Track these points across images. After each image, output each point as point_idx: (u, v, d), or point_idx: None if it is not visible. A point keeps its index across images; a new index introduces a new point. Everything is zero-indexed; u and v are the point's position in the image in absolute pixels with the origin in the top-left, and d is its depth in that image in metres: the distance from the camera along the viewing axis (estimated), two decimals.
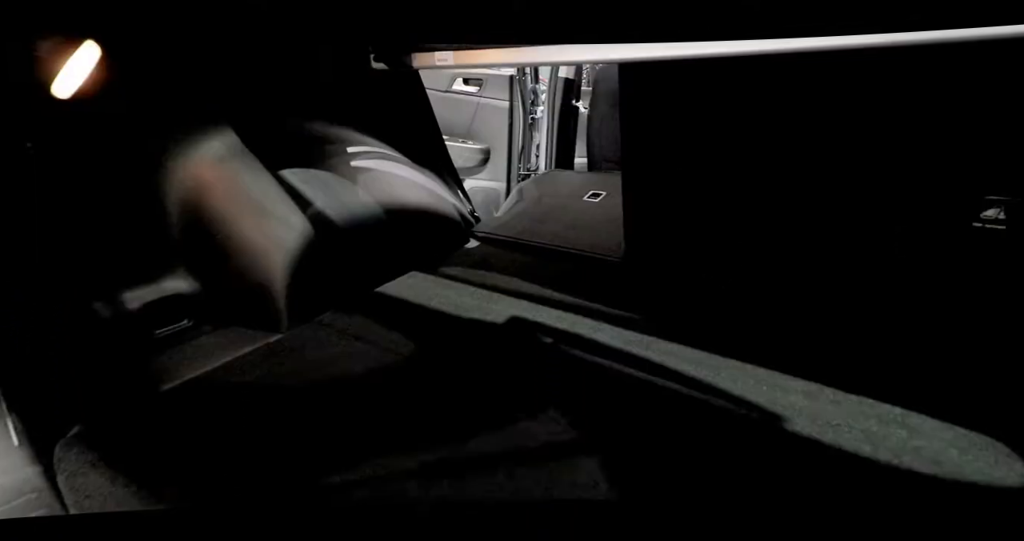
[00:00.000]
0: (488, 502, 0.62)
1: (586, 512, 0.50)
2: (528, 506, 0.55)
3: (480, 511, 0.48)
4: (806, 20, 0.65)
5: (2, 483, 0.63)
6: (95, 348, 0.89)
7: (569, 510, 0.51)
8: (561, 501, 0.62)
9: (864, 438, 0.74)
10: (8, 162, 0.71)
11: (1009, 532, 0.60)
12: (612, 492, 0.65)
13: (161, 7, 0.89)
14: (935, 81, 0.82)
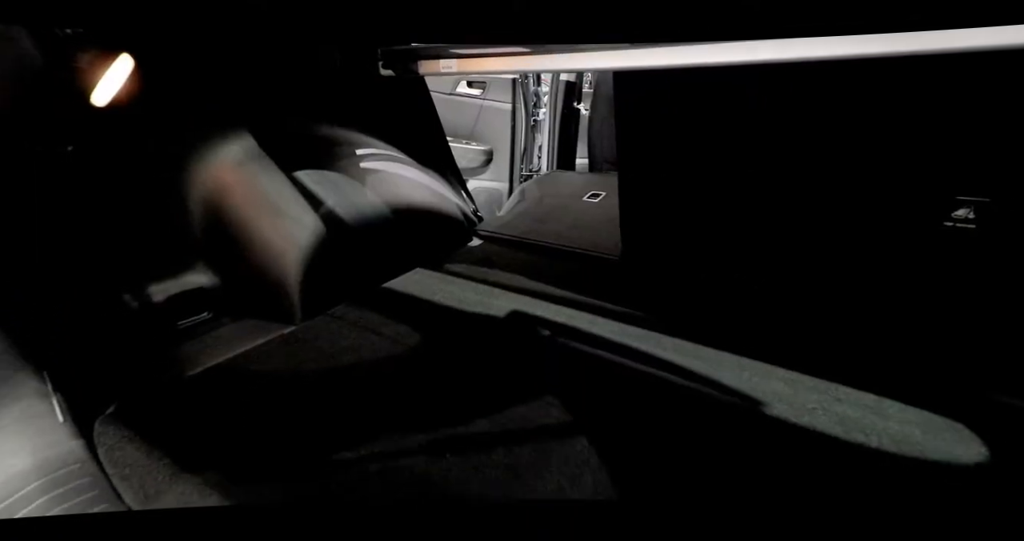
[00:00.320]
0: (488, 502, 0.65)
1: (586, 512, 0.50)
2: (528, 506, 0.57)
3: (480, 511, 0.49)
4: (803, 21, 0.70)
5: (50, 454, 0.70)
6: (127, 336, 0.96)
7: (569, 510, 0.52)
8: (561, 501, 0.64)
9: (837, 421, 0.79)
10: (51, 164, 0.78)
11: (965, 504, 0.65)
12: (602, 470, 0.71)
13: (188, 24, 0.96)
14: (912, 93, 0.87)
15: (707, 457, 0.74)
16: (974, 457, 0.71)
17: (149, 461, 0.72)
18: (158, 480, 0.68)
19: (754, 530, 0.61)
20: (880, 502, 0.65)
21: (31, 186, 0.74)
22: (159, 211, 1.05)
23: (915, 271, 0.98)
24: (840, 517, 0.63)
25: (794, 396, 0.85)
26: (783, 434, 0.78)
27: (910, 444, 0.74)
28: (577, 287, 1.34)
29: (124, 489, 0.67)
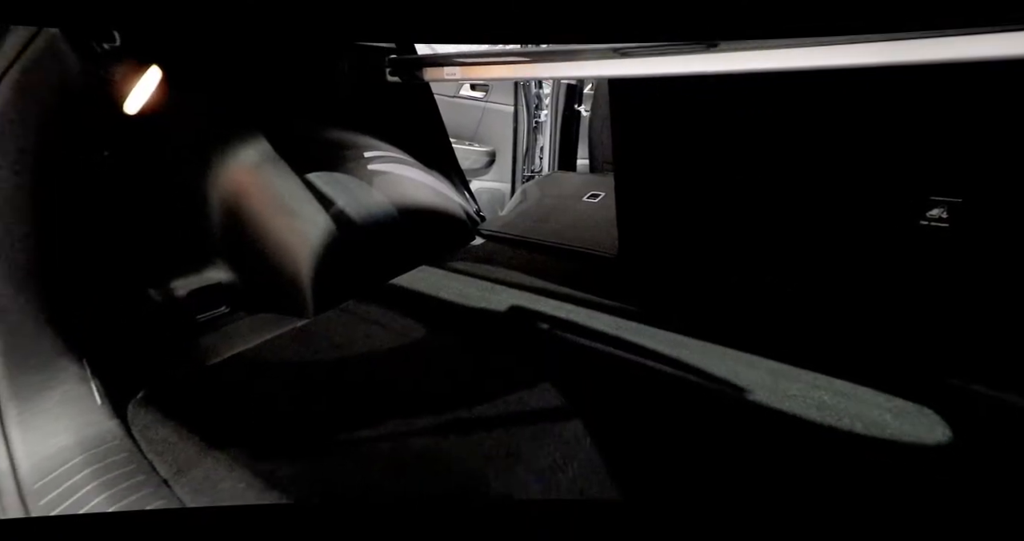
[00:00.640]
0: (488, 502, 0.65)
1: (585, 512, 0.50)
2: (528, 506, 0.56)
3: (480, 511, 0.48)
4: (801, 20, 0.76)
5: (90, 432, 0.77)
6: (153, 328, 1.03)
7: (569, 510, 0.51)
8: (561, 501, 0.65)
9: (815, 406, 0.85)
10: (89, 168, 0.85)
11: (929, 482, 0.71)
12: (593, 449, 0.77)
13: (210, 38, 1.03)
14: (892, 103, 0.92)
15: (693, 440, 0.79)
16: (939, 438, 0.77)
17: (179, 439, 0.79)
18: (188, 455, 0.75)
19: (736, 508, 0.67)
20: (853, 481, 0.71)
21: (74, 188, 0.81)
22: (181, 211, 1.12)
23: (892, 267, 1.04)
24: (816, 496, 0.69)
25: (775, 384, 0.90)
26: (764, 419, 0.84)
27: (881, 427, 0.79)
28: (575, 284, 1.40)
29: (158, 463, 0.74)
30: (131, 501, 0.66)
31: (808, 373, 0.93)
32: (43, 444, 0.73)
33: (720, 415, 0.85)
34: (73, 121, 0.79)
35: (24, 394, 0.75)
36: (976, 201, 0.90)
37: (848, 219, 1.04)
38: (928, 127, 0.92)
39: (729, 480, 0.71)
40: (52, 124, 0.76)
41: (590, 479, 0.71)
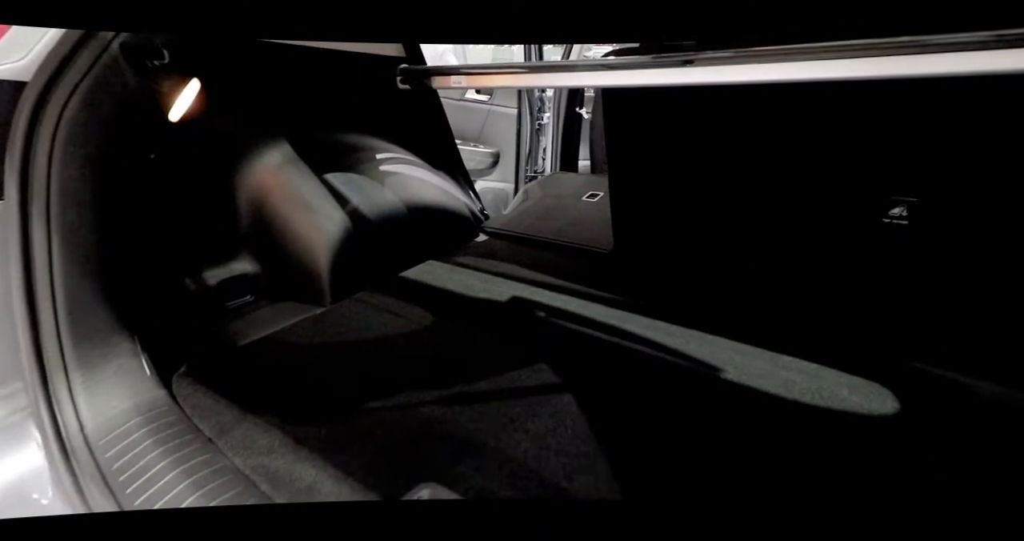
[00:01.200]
0: (487, 502, 0.68)
1: (586, 512, 0.50)
2: (528, 506, 0.57)
3: (480, 510, 0.48)
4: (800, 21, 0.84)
5: (143, 399, 0.88)
6: (189, 313, 1.15)
7: (569, 510, 0.52)
8: (561, 501, 0.68)
9: (780, 384, 0.95)
10: (138, 169, 0.97)
11: (882, 447, 0.80)
12: (581, 418, 0.87)
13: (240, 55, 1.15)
14: (858, 115, 1.01)
15: (670, 412, 0.89)
16: (888, 410, 0.86)
17: (218, 406, 0.90)
18: (227, 419, 0.86)
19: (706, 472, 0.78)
20: (813, 449, 0.81)
21: (127, 186, 0.92)
22: (213, 208, 1.24)
23: (857, 260, 1.13)
24: (780, 463, 0.78)
25: (746, 364, 1.00)
26: (736, 395, 0.93)
27: (838, 401, 0.89)
28: (571, 277, 1.50)
29: (202, 425, 0.85)
30: (182, 455, 0.78)
31: (774, 354, 1.03)
32: (104, 407, 0.85)
33: (696, 391, 0.95)
34: (128, 127, 0.91)
35: (87, 364, 0.86)
36: (930, 201, 1.00)
37: (820, 216, 1.14)
38: (890, 136, 1.01)
39: (701, 448, 0.81)
40: (112, 130, 0.87)
41: (577, 442, 0.82)
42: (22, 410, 0.85)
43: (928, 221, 1.01)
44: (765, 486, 0.73)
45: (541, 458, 0.78)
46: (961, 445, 0.79)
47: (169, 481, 0.72)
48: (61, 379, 0.83)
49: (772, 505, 0.69)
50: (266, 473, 0.74)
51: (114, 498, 0.70)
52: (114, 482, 0.73)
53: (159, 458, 0.77)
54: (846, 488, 0.72)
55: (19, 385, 0.85)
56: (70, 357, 0.84)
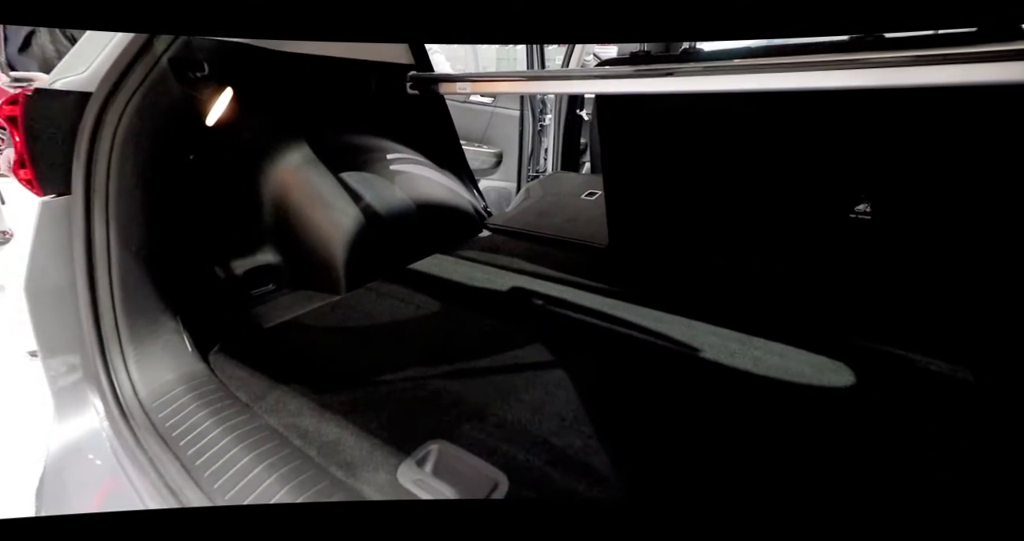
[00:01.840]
0: (488, 502, 0.69)
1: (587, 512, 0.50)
2: (529, 506, 0.57)
3: (480, 510, 0.49)
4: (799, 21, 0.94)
5: (186, 371, 1.01)
6: (220, 299, 1.27)
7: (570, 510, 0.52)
8: (562, 501, 0.70)
9: (751, 362, 1.06)
10: (179, 168, 1.09)
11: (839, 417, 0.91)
12: (572, 391, 0.98)
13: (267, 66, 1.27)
14: (832, 122, 1.11)
15: (652, 386, 1.01)
16: (845, 383, 0.97)
17: (251, 378, 1.02)
18: (260, 388, 0.98)
19: (678, 435, 0.89)
20: (779, 419, 0.91)
21: (170, 184, 1.04)
22: (241, 204, 1.36)
23: (827, 250, 1.24)
24: (746, 430, 0.89)
25: (722, 345, 1.11)
26: (712, 372, 1.04)
27: (802, 377, 1.00)
28: (569, 270, 1.61)
29: (239, 393, 0.97)
30: (224, 415, 0.90)
31: (747, 336, 1.14)
32: (154, 376, 0.97)
33: (675, 367, 1.06)
34: (172, 132, 1.03)
35: (138, 339, 0.99)
36: (889, 199, 1.10)
37: (792, 212, 1.24)
38: (855, 141, 1.11)
39: (677, 415, 0.92)
40: (159, 134, 1.00)
41: (567, 409, 0.93)
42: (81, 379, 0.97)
43: (887, 215, 1.11)
44: (732, 450, 0.83)
45: (534, 421, 0.89)
46: (908, 413, 0.90)
47: (215, 436, 0.84)
48: (117, 351, 0.96)
49: (737, 467, 0.80)
50: (297, 430, 0.86)
51: (169, 448, 0.82)
52: (168, 436, 0.85)
53: (205, 418, 0.89)
54: (804, 452, 0.83)
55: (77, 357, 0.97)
56: (124, 332, 0.97)
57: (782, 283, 1.33)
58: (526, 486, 0.74)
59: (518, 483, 0.75)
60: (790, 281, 1.32)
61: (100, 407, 0.94)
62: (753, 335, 1.15)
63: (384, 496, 0.73)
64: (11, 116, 0.87)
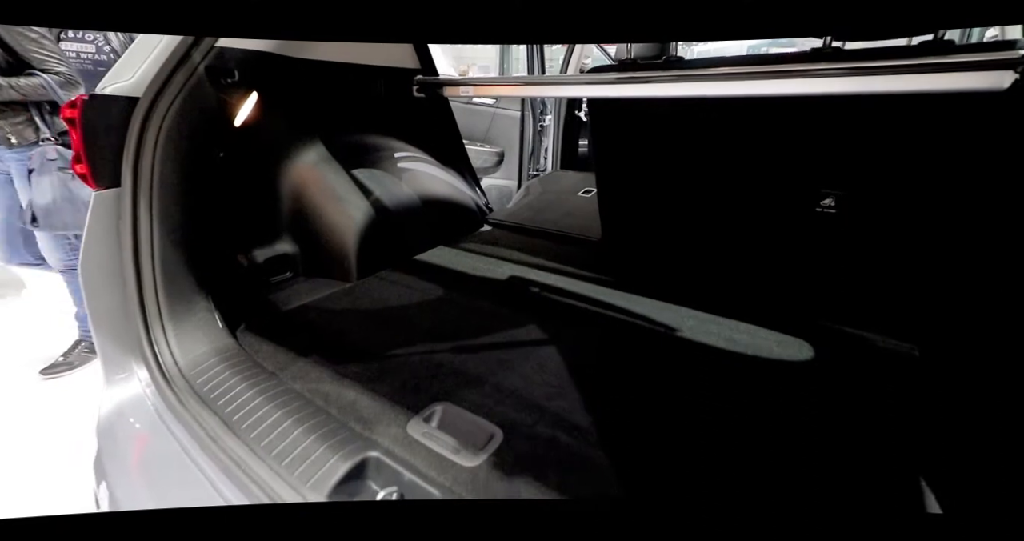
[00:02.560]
0: (487, 502, 0.71)
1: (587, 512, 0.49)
2: (528, 506, 0.58)
3: (479, 510, 0.49)
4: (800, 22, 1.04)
5: (219, 344, 1.13)
6: (243, 284, 1.39)
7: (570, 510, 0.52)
8: (562, 501, 0.71)
9: (725, 340, 1.17)
10: (211, 165, 1.21)
11: (794, 386, 1.02)
12: (562, 363, 1.10)
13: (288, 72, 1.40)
14: (801, 124, 1.22)
15: (635, 361, 1.12)
16: (806, 357, 1.09)
17: (275, 352, 1.14)
18: (284, 359, 1.11)
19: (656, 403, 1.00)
20: (747, 386, 1.03)
21: (203, 178, 1.17)
22: (263, 197, 1.49)
23: (795, 242, 1.35)
24: (718, 397, 1.00)
25: (700, 326, 1.23)
26: (690, 348, 1.16)
27: (768, 352, 1.11)
28: (563, 260, 1.73)
29: (265, 364, 1.09)
30: (255, 380, 1.02)
31: (723, 318, 1.25)
32: (190, 349, 1.10)
33: (657, 345, 1.18)
34: (207, 132, 1.15)
35: (176, 316, 1.11)
36: (853, 194, 1.21)
37: (765, 207, 1.35)
38: (822, 142, 1.22)
39: (656, 386, 1.03)
40: (196, 134, 1.12)
41: (556, 378, 1.04)
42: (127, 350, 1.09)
43: (850, 210, 1.22)
44: (703, 412, 0.94)
45: (527, 388, 1.01)
46: (860, 382, 1.01)
47: (248, 397, 0.96)
48: (158, 326, 1.08)
49: (706, 425, 0.92)
50: (319, 393, 0.99)
51: (208, 406, 0.94)
52: (207, 398, 0.97)
53: (237, 383, 1.01)
54: (768, 414, 0.94)
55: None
56: (164, 310, 1.09)
57: (755, 270, 1.44)
58: (518, 437, 0.86)
59: (511, 435, 0.87)
60: (762, 269, 1.43)
61: (143, 375, 1.07)
62: (728, 317, 1.26)
63: (396, 446, 0.85)
64: (70, 118, 1.00)
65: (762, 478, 0.78)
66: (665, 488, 0.77)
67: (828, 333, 1.17)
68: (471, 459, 0.81)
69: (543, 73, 2.90)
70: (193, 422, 0.91)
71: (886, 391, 1.00)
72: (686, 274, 1.57)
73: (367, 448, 0.83)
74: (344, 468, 0.78)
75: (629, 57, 1.34)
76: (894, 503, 0.74)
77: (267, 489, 0.76)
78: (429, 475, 0.78)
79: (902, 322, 1.17)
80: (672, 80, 1.15)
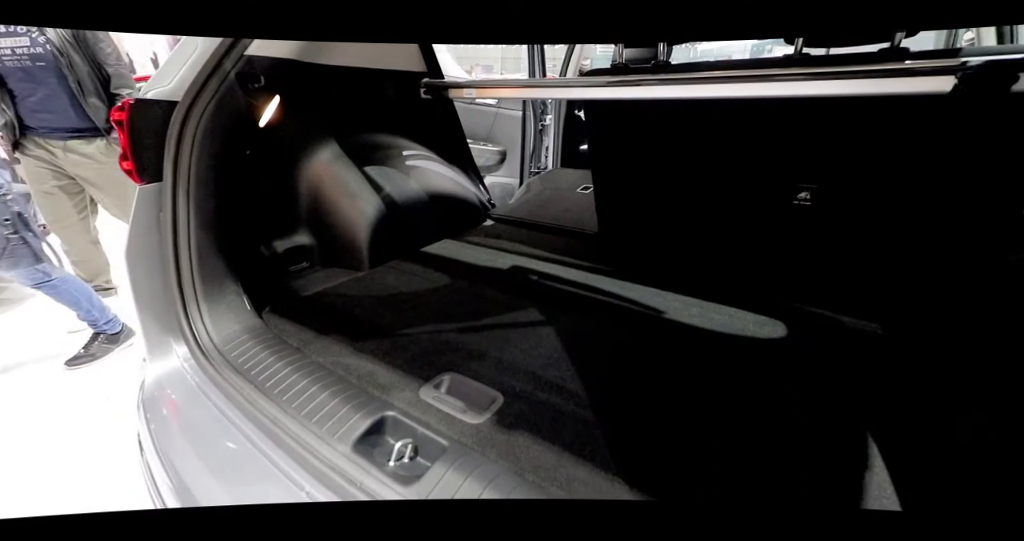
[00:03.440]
0: (487, 502, 0.71)
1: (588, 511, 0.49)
2: (529, 506, 0.58)
3: (479, 510, 0.49)
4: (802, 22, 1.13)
5: (248, 324, 1.25)
6: (266, 272, 1.51)
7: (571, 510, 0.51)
8: (562, 501, 0.71)
9: (706, 320, 1.28)
10: (239, 161, 1.33)
11: (767, 360, 1.13)
12: (559, 341, 1.21)
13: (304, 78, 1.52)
14: (780, 124, 1.33)
15: (624, 338, 1.23)
16: (780, 335, 1.20)
17: (298, 331, 1.26)
18: (307, 337, 1.23)
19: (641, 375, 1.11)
20: (724, 363, 1.14)
21: (232, 174, 1.29)
22: (283, 192, 1.61)
23: (774, 233, 1.46)
24: (698, 369, 1.11)
25: (684, 308, 1.34)
26: (674, 328, 1.27)
27: (745, 331, 1.23)
28: (561, 251, 1.84)
29: (290, 341, 1.21)
30: (282, 354, 1.14)
31: (704, 301, 1.36)
32: (223, 327, 1.22)
33: (644, 325, 1.29)
34: (236, 132, 1.27)
35: (210, 298, 1.23)
36: (825, 188, 1.32)
37: (747, 201, 1.46)
38: (799, 141, 1.33)
39: (642, 359, 1.14)
40: (227, 134, 1.24)
41: (553, 352, 1.16)
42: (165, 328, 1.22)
43: (824, 202, 1.33)
44: (684, 382, 1.05)
45: (525, 360, 1.13)
46: (827, 356, 1.13)
47: (278, 367, 1.08)
48: (195, 307, 1.20)
49: (686, 393, 1.03)
50: (340, 365, 1.10)
51: (242, 375, 1.06)
52: (241, 368, 1.09)
53: (267, 356, 1.13)
54: (741, 385, 1.05)
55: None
56: (199, 292, 1.21)
57: (736, 259, 1.55)
58: (517, 400, 0.98)
59: (510, 398, 0.98)
60: (743, 258, 1.54)
61: (181, 351, 1.19)
62: (711, 301, 1.38)
63: (410, 407, 0.96)
64: (119, 120, 1.12)
65: (729, 435, 0.89)
66: (641, 440, 0.88)
67: (800, 314, 1.28)
68: (476, 417, 0.93)
69: (544, 71, 2.99)
70: (230, 389, 1.03)
71: (851, 365, 1.11)
72: (675, 263, 1.68)
73: (385, 408, 0.95)
74: (366, 424, 0.90)
75: (621, 62, 1.45)
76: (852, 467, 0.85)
77: (300, 441, 0.87)
78: (439, 429, 0.90)
79: (867, 303, 1.28)
80: (659, 83, 1.26)
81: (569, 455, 0.84)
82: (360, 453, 0.84)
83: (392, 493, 0.76)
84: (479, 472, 0.79)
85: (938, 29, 2.30)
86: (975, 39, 1.90)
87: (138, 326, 1.21)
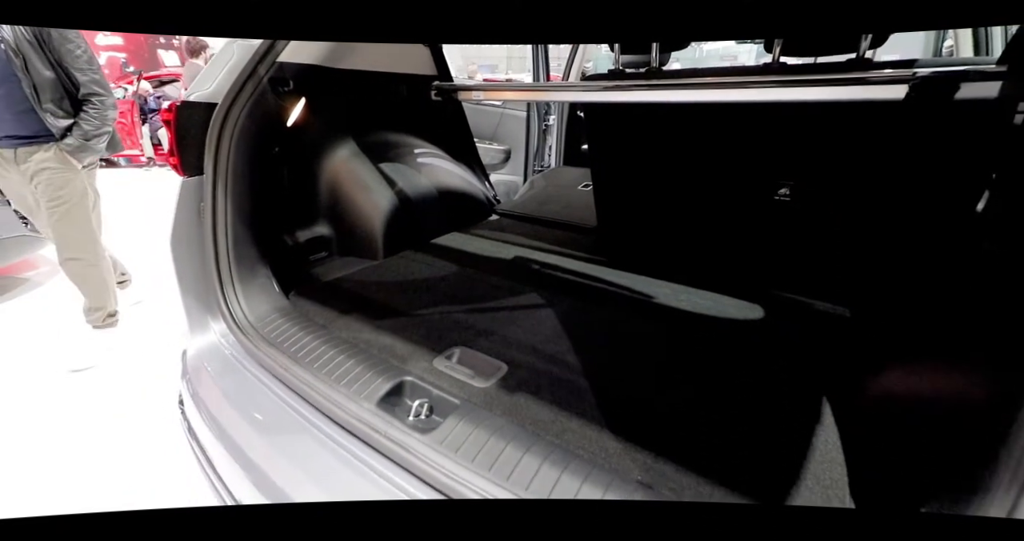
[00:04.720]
0: (487, 502, 0.72)
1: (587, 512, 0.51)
2: (529, 506, 0.59)
3: (479, 510, 0.49)
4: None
5: (277, 304, 1.39)
6: (290, 261, 1.65)
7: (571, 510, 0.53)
8: (563, 501, 0.72)
9: (692, 304, 1.41)
10: (270, 158, 1.47)
11: (745, 340, 1.26)
12: (557, 323, 1.34)
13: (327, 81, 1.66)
14: (763, 126, 1.46)
15: (616, 319, 1.36)
16: (758, 317, 1.32)
17: (322, 311, 1.40)
18: (330, 316, 1.36)
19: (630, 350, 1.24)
20: (705, 340, 1.26)
21: (264, 169, 1.42)
22: (305, 187, 1.75)
23: (756, 225, 1.58)
24: (681, 347, 1.24)
25: (673, 294, 1.47)
26: (663, 311, 1.40)
27: (726, 313, 1.35)
28: (562, 243, 1.97)
29: (315, 319, 1.35)
30: (310, 329, 1.27)
31: (692, 288, 1.49)
32: (256, 307, 1.35)
33: (635, 308, 1.42)
34: (268, 131, 1.41)
35: (244, 281, 1.37)
36: (803, 184, 1.44)
37: (732, 196, 1.59)
38: (780, 141, 1.45)
39: (631, 337, 1.27)
40: (260, 133, 1.37)
41: (552, 331, 1.28)
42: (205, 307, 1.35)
43: (802, 197, 1.46)
44: (671, 357, 1.18)
45: (527, 337, 1.26)
46: (801, 337, 1.25)
47: (307, 341, 1.21)
48: (231, 288, 1.34)
49: (671, 367, 1.16)
50: (362, 339, 1.24)
51: (276, 348, 1.20)
52: (274, 342, 1.22)
53: (296, 331, 1.26)
54: (719, 358, 1.17)
55: None
56: (235, 275, 1.35)
57: (722, 249, 1.68)
58: (520, 369, 1.11)
59: (514, 368, 1.11)
60: (729, 249, 1.67)
61: (218, 328, 1.33)
62: (697, 288, 1.50)
63: (425, 374, 1.10)
64: (167, 120, 1.26)
65: (705, 396, 1.02)
66: (627, 401, 1.01)
67: (777, 299, 1.40)
68: (484, 383, 1.06)
69: (547, 70, 3.11)
70: (265, 358, 1.17)
71: (821, 344, 1.23)
72: (666, 254, 1.80)
73: (403, 374, 1.08)
74: (387, 386, 1.04)
75: (618, 67, 1.57)
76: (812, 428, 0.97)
77: (330, 399, 1.01)
78: (452, 392, 1.03)
79: (837, 289, 1.41)
80: (651, 88, 1.39)
81: (563, 412, 0.97)
82: (383, 409, 0.97)
83: (412, 440, 0.89)
84: (486, 424, 0.92)
85: (912, 30, 2.41)
86: (953, 47, 2.01)
87: (180, 306, 1.35)
